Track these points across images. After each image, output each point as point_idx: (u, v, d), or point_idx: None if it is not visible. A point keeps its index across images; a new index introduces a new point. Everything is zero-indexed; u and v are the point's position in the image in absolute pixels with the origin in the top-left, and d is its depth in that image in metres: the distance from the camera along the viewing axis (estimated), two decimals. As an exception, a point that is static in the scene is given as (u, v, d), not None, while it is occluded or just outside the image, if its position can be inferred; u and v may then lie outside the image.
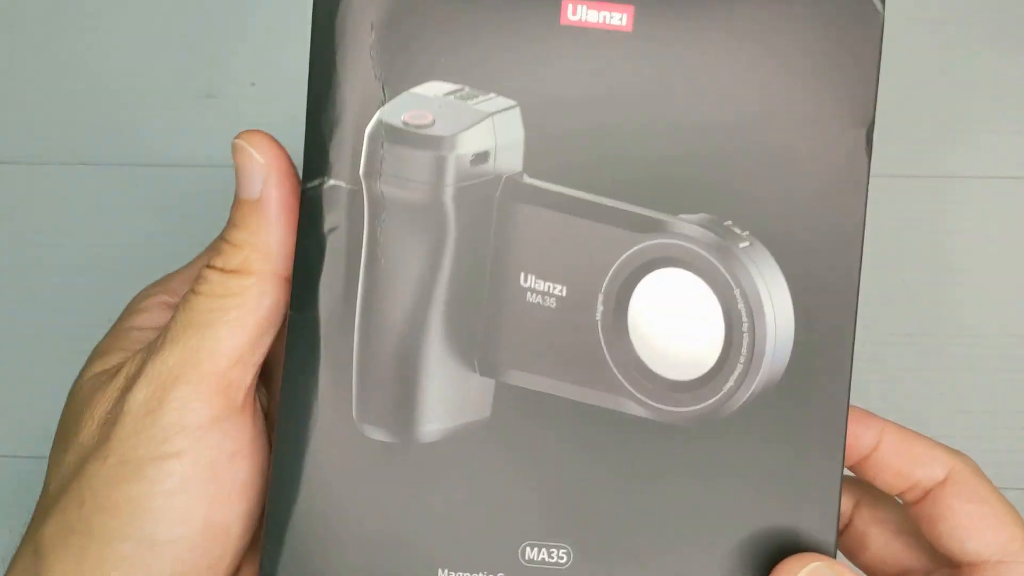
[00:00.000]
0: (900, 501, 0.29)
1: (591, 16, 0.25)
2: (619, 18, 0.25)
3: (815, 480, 0.25)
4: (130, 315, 0.29)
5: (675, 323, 0.25)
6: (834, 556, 0.26)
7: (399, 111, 0.25)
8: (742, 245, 0.25)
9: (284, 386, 0.25)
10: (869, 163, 0.25)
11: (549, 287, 0.25)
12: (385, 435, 0.25)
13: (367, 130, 0.25)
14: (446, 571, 0.25)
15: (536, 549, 0.25)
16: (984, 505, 0.27)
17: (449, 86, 0.25)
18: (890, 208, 0.41)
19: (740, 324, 0.25)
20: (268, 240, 0.25)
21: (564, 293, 0.25)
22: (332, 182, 0.25)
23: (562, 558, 0.25)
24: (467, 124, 0.25)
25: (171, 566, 0.25)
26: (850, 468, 0.30)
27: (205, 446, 0.25)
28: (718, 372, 0.25)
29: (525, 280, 0.25)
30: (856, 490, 0.31)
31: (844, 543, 0.30)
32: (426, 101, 0.25)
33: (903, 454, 0.28)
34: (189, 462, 0.25)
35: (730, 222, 0.25)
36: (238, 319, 0.25)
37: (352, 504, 0.25)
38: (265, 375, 0.28)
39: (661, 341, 0.25)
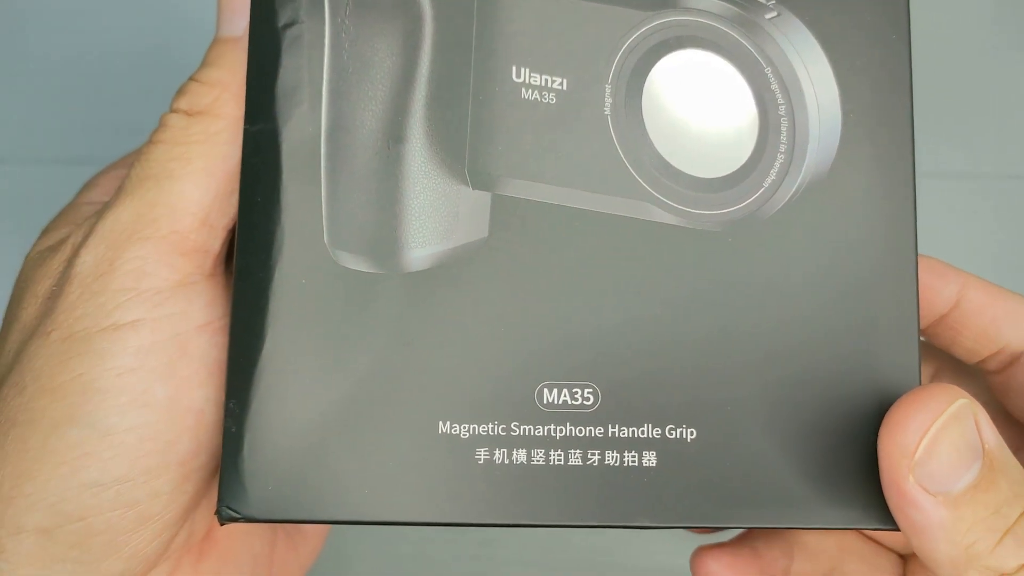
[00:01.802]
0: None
1: None
2: None
3: (885, 299, 0.21)
4: (82, 191, 0.25)
5: (698, 112, 0.21)
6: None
7: None
8: (769, 16, 0.21)
9: (240, 211, 0.21)
10: None
11: (547, 80, 0.21)
12: (364, 263, 0.21)
13: None
14: (447, 423, 0.20)
15: (556, 391, 0.21)
16: None
17: None
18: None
19: (776, 107, 0.21)
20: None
21: (565, 87, 0.21)
22: (284, -31, 0.21)
23: (588, 399, 0.21)
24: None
25: (130, 459, 0.20)
26: (924, 332, 0.25)
27: (166, 315, 0.21)
28: (755, 165, 0.21)
29: (518, 75, 0.21)
30: (931, 362, 0.27)
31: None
32: None
33: (988, 312, 0.24)
34: (147, 333, 0.21)
35: (752, -10, 0.21)
36: (204, 170, 0.21)
37: (328, 347, 0.21)
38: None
39: (684, 134, 0.21)
